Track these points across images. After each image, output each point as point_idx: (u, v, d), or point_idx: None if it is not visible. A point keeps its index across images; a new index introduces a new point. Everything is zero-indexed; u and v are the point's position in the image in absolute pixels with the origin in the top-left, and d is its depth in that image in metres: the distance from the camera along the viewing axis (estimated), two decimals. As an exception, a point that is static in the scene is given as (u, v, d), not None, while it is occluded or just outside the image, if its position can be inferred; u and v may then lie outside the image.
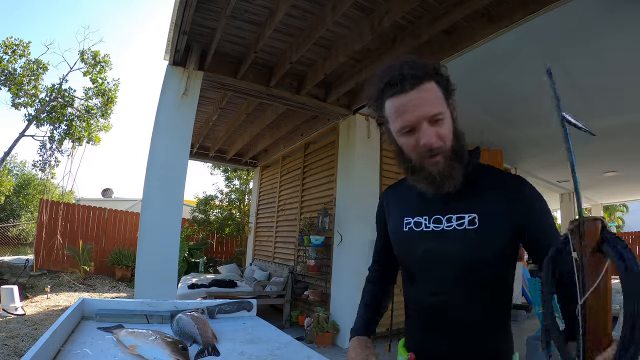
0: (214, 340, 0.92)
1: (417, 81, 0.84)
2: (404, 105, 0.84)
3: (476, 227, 0.87)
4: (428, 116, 0.84)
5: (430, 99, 0.84)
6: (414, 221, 0.96)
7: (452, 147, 0.87)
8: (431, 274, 0.92)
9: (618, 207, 17.68)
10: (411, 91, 0.84)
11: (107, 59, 10.59)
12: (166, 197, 3.43)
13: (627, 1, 2.43)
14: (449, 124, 0.87)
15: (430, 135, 0.84)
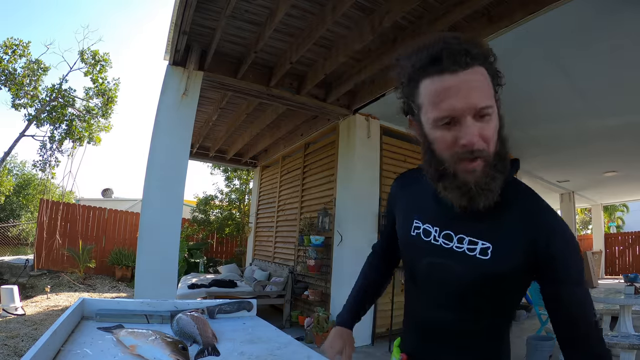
0: (214, 340, 0.92)
1: (470, 61, 0.67)
2: (449, 88, 0.68)
3: (487, 258, 0.75)
4: (476, 108, 0.68)
5: (482, 86, 0.69)
6: (424, 228, 0.85)
7: (496, 153, 0.71)
8: (432, 289, 0.86)
9: (618, 207, 17.68)
10: (460, 72, 0.67)
11: (106, 58, 10.60)
12: (166, 197, 3.43)
13: (627, 2, 2.43)
14: (495, 122, 0.71)
15: (474, 134, 0.68)
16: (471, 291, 0.78)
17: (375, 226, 4.50)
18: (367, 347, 4.20)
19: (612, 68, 3.30)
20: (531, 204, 0.78)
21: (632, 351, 2.84)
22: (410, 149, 5.07)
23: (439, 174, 0.75)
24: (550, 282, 0.74)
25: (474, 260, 0.76)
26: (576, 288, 0.73)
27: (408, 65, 0.74)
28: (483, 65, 0.70)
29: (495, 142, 0.72)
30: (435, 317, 0.85)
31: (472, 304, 0.80)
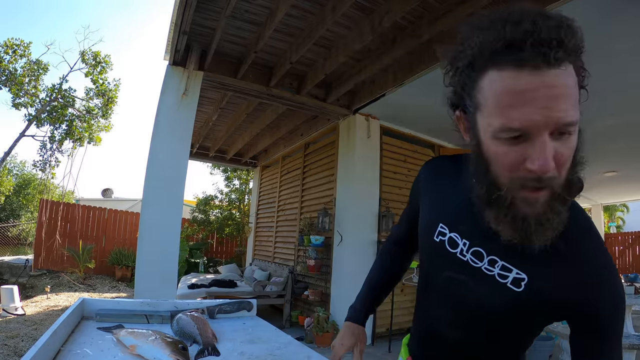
0: (214, 340, 0.92)
1: (562, 56, 0.50)
2: (525, 92, 0.50)
3: (519, 291, 0.64)
4: (559, 124, 0.51)
5: (570, 95, 0.51)
6: (450, 237, 0.74)
7: (567, 180, 0.55)
8: (448, 304, 0.78)
9: (618, 207, 17.68)
10: (546, 70, 0.50)
11: (107, 60, 10.60)
12: (166, 197, 3.43)
13: (628, 2, 2.43)
14: (574, 142, 0.54)
15: (549, 158, 0.51)
16: (491, 319, 0.70)
17: (375, 226, 4.50)
18: (367, 347, 4.19)
19: (613, 68, 3.30)
20: (584, 242, 0.63)
21: (632, 351, 2.84)
22: (410, 149, 5.08)
23: (491, 199, 0.59)
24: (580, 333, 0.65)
25: (504, 289, 0.65)
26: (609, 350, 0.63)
27: (473, 43, 0.55)
28: (574, 63, 0.53)
29: (569, 167, 0.55)
30: (443, 333, 0.79)
31: (486, 329, 0.72)
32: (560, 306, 0.64)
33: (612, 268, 0.64)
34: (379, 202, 4.57)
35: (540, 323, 0.70)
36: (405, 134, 5.11)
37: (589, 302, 0.61)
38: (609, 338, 0.62)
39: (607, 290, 0.62)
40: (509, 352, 0.76)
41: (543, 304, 0.64)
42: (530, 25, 0.50)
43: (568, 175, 0.55)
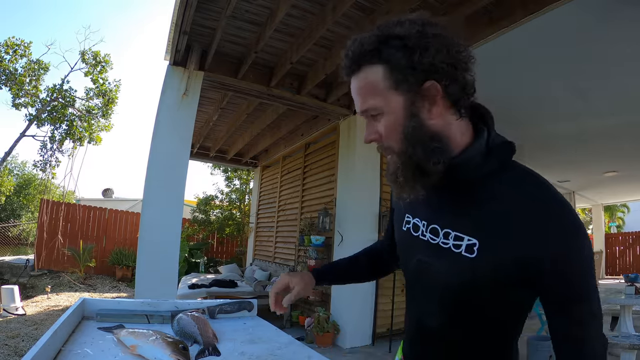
0: (215, 340, 0.92)
1: (354, 66, 0.68)
2: (351, 92, 0.72)
3: (473, 256, 0.66)
4: (361, 110, 0.70)
5: (365, 89, 0.68)
6: (414, 222, 0.79)
7: (400, 150, 0.68)
8: (421, 290, 0.80)
9: (619, 208, 17.67)
10: (351, 78, 0.70)
11: (107, 59, 10.61)
12: (167, 197, 3.43)
13: (624, 3, 2.43)
14: (392, 121, 0.67)
15: (369, 132, 0.71)
16: (458, 295, 0.71)
17: (375, 226, 4.50)
18: (368, 347, 4.20)
19: (613, 68, 3.30)
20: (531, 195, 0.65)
21: (633, 351, 2.84)
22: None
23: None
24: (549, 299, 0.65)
25: (459, 258, 0.68)
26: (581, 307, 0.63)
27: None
28: (378, 61, 0.65)
29: (400, 139, 0.68)
30: (425, 325, 0.78)
31: (461, 312, 0.72)
32: (517, 265, 0.63)
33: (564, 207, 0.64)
34: (379, 202, 4.57)
35: (510, 294, 0.68)
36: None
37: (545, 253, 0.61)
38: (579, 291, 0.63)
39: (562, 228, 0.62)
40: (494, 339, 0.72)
41: (499, 266, 0.65)
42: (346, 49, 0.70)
43: (401, 146, 0.68)
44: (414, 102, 0.66)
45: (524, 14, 2.50)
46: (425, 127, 0.67)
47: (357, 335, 4.20)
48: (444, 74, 0.64)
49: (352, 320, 4.14)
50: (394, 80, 0.65)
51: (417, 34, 0.64)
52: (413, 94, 0.65)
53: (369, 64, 0.67)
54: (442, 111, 0.67)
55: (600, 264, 11.81)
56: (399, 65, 0.64)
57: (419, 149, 0.66)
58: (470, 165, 0.68)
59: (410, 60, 0.63)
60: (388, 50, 0.64)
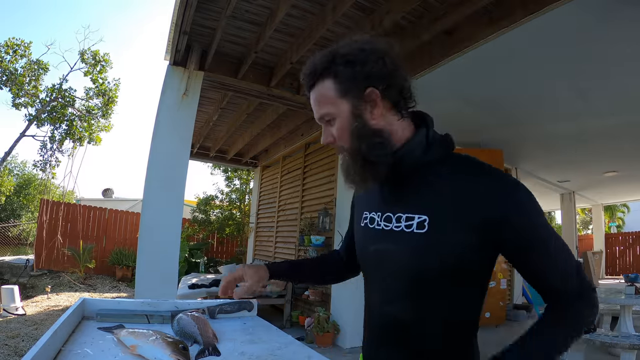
0: (215, 341, 0.92)
1: (310, 82, 0.81)
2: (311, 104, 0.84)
3: (424, 231, 0.74)
4: (318, 117, 0.83)
5: (319, 100, 0.80)
6: (370, 216, 0.87)
7: (350, 148, 0.80)
8: (380, 280, 0.83)
9: (619, 208, 17.67)
10: (310, 92, 0.83)
11: (107, 58, 10.61)
12: (167, 197, 3.43)
13: (624, 3, 2.43)
14: (342, 123, 0.79)
15: (325, 134, 0.84)
16: (414, 279, 0.76)
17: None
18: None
19: (613, 68, 3.30)
20: (473, 171, 0.75)
21: (633, 351, 2.84)
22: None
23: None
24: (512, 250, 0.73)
25: (412, 236, 0.75)
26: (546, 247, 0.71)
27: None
28: (328, 76, 0.78)
29: (348, 139, 0.79)
30: (385, 313, 0.82)
31: (420, 293, 0.76)
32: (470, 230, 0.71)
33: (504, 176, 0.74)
34: (379, 202, 4.56)
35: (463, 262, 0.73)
36: (405, 134, 5.10)
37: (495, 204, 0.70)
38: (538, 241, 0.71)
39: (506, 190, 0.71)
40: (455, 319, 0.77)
41: (454, 233, 0.72)
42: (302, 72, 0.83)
43: (350, 144, 0.79)
44: (358, 106, 0.78)
45: (524, 14, 2.50)
46: (368, 126, 0.78)
47: (357, 335, 4.20)
48: (381, 81, 0.77)
49: (352, 320, 4.14)
50: (341, 90, 0.78)
51: (358, 51, 0.77)
52: (357, 100, 0.77)
53: (322, 79, 0.79)
54: (383, 112, 0.79)
55: (600, 264, 11.81)
56: (343, 77, 0.77)
57: (364, 145, 0.77)
58: (412, 155, 0.79)
59: (352, 72, 0.76)
60: (335, 66, 0.77)
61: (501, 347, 0.77)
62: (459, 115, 4.64)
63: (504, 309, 5.61)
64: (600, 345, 3.02)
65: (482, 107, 4.37)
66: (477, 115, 4.58)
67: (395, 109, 0.80)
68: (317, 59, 0.80)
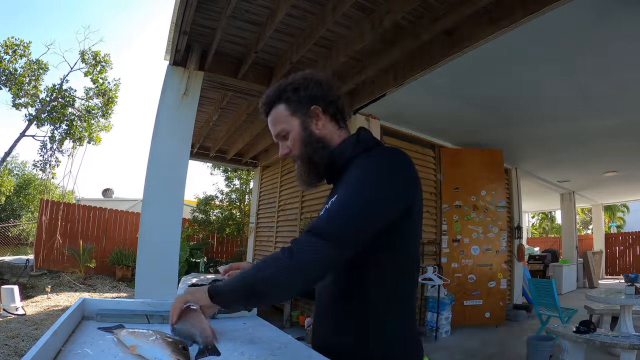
0: (214, 340, 0.92)
1: (266, 109, 1.03)
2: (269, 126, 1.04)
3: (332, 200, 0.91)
4: (275, 134, 1.02)
5: (275, 121, 1.01)
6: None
7: (300, 154, 0.99)
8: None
9: (619, 208, 17.67)
10: (267, 117, 1.04)
11: (107, 59, 10.61)
12: (167, 197, 3.43)
13: (623, 3, 2.43)
14: (295, 135, 0.99)
15: (282, 149, 1.02)
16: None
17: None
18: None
19: (613, 68, 3.30)
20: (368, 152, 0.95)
21: (633, 351, 2.84)
22: (410, 150, 5.07)
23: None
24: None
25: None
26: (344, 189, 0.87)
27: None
28: (280, 102, 1.00)
29: (300, 147, 0.99)
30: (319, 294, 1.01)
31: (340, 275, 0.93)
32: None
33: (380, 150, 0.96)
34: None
35: None
36: (405, 134, 5.11)
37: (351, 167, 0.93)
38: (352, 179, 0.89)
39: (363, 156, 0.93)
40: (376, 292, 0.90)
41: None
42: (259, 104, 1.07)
43: (302, 150, 0.99)
44: (305, 120, 0.99)
45: (524, 14, 2.50)
46: (313, 135, 0.99)
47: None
48: (320, 100, 0.99)
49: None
50: (291, 109, 0.99)
51: (302, 79, 1.01)
52: (304, 116, 0.99)
53: (275, 105, 1.01)
54: (324, 123, 1.00)
55: (600, 264, 11.81)
56: (292, 100, 0.99)
57: (309, 148, 0.98)
58: (343, 153, 0.98)
59: (298, 95, 0.99)
60: (285, 93, 1.00)
61: (501, 347, 0.77)
62: (459, 115, 4.64)
63: (504, 309, 5.62)
64: (600, 345, 3.02)
65: (482, 107, 4.37)
66: (477, 115, 4.58)
67: (334, 121, 1.02)
68: (270, 92, 1.02)
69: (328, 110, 1.00)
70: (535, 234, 22.58)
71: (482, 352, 4.10)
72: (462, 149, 5.78)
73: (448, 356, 4.01)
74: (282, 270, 0.81)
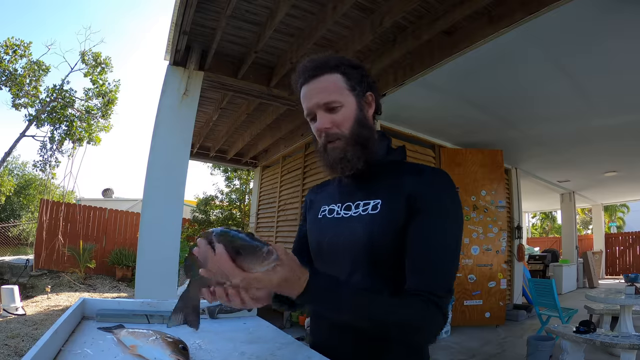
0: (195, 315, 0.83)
1: (316, 72, 0.90)
2: (305, 93, 0.92)
3: (377, 211, 0.86)
4: (322, 103, 0.89)
5: (327, 88, 0.89)
6: (329, 208, 0.98)
7: (352, 134, 0.90)
8: (336, 260, 0.91)
9: (619, 208, 17.67)
10: (311, 81, 0.90)
11: (108, 61, 10.61)
12: (167, 197, 3.43)
13: (623, 3, 2.43)
14: (349, 112, 0.90)
15: (324, 121, 0.90)
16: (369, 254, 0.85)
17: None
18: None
19: (613, 67, 3.30)
20: (416, 166, 0.92)
21: (633, 351, 2.84)
22: (410, 150, 5.07)
23: (319, 153, 0.95)
24: (415, 215, 0.82)
25: (367, 217, 0.88)
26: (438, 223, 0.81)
27: (293, 82, 0.98)
28: (337, 72, 0.90)
29: (351, 127, 0.89)
30: None
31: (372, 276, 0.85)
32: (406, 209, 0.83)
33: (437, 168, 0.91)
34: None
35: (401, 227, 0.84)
36: (405, 134, 5.11)
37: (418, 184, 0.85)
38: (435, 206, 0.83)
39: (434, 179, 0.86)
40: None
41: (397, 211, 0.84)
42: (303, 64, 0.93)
43: (354, 131, 0.89)
44: (361, 103, 0.92)
45: (524, 14, 2.50)
46: (366, 120, 0.92)
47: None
48: (374, 91, 0.95)
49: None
50: (350, 85, 0.90)
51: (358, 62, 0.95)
52: (360, 98, 0.92)
53: (330, 73, 0.90)
54: (371, 114, 0.95)
55: (600, 264, 11.81)
56: (352, 76, 0.91)
57: (364, 132, 0.91)
58: (378, 155, 0.93)
59: (360, 76, 0.92)
60: (343, 67, 0.91)
61: (501, 347, 0.77)
62: (459, 115, 4.64)
63: (504, 309, 5.61)
64: (600, 345, 3.02)
65: (482, 107, 4.37)
66: (477, 115, 4.58)
67: (375, 115, 0.97)
68: (324, 58, 0.91)
69: (376, 103, 0.96)
70: (536, 234, 22.59)
71: (482, 352, 4.10)
72: (462, 149, 5.78)
73: (448, 356, 4.00)
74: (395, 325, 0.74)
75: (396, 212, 0.84)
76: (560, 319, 4.34)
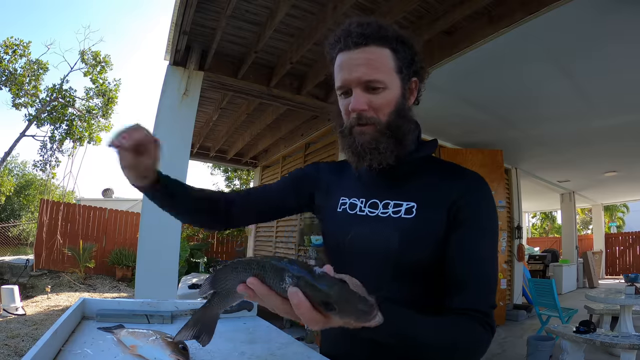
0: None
1: (362, 40, 0.75)
2: (343, 62, 0.77)
3: (412, 216, 0.77)
4: (364, 80, 0.75)
5: (374, 63, 0.75)
6: (350, 202, 0.87)
7: (388, 123, 0.77)
8: (359, 263, 0.80)
9: (619, 208, 17.67)
10: (354, 49, 0.75)
11: (107, 60, 10.61)
12: (167, 197, 3.43)
13: (623, 3, 2.43)
14: (391, 97, 0.77)
15: (361, 102, 0.75)
16: (399, 261, 0.76)
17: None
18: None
19: (613, 67, 3.30)
20: (452, 168, 0.83)
21: (633, 351, 2.84)
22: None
23: (340, 134, 0.82)
24: (456, 227, 0.76)
25: (400, 221, 0.78)
26: (480, 236, 0.76)
27: (329, 43, 0.82)
28: (388, 47, 0.76)
29: (389, 114, 0.77)
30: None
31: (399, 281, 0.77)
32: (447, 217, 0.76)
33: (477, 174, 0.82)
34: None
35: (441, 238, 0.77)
36: (405, 134, 5.10)
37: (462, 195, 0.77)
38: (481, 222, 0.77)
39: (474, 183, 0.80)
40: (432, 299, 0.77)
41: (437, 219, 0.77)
42: (346, 26, 0.77)
43: (391, 119, 0.77)
44: (405, 89, 0.80)
45: (524, 14, 2.50)
46: (407, 109, 0.81)
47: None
48: (421, 78, 0.83)
49: (352, 320, 4.14)
50: (398, 66, 0.77)
51: (408, 39, 0.79)
52: (405, 82, 0.79)
53: (379, 45, 0.76)
54: (412, 103, 0.83)
55: (600, 264, 11.81)
56: (403, 56, 0.78)
57: (402, 124, 0.79)
58: (410, 149, 0.82)
59: (411, 58, 0.79)
60: (395, 42, 0.77)
61: (501, 347, 0.77)
62: (459, 115, 4.64)
63: (504, 309, 5.62)
64: (600, 345, 3.02)
65: (482, 107, 4.37)
66: (477, 115, 4.58)
67: (414, 104, 0.84)
68: (374, 24, 0.76)
69: (419, 91, 0.84)
70: (536, 234, 22.59)
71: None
72: (462, 149, 5.78)
73: (448, 356, 4.00)
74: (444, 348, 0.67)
75: (436, 224, 0.76)
76: (560, 319, 4.34)
